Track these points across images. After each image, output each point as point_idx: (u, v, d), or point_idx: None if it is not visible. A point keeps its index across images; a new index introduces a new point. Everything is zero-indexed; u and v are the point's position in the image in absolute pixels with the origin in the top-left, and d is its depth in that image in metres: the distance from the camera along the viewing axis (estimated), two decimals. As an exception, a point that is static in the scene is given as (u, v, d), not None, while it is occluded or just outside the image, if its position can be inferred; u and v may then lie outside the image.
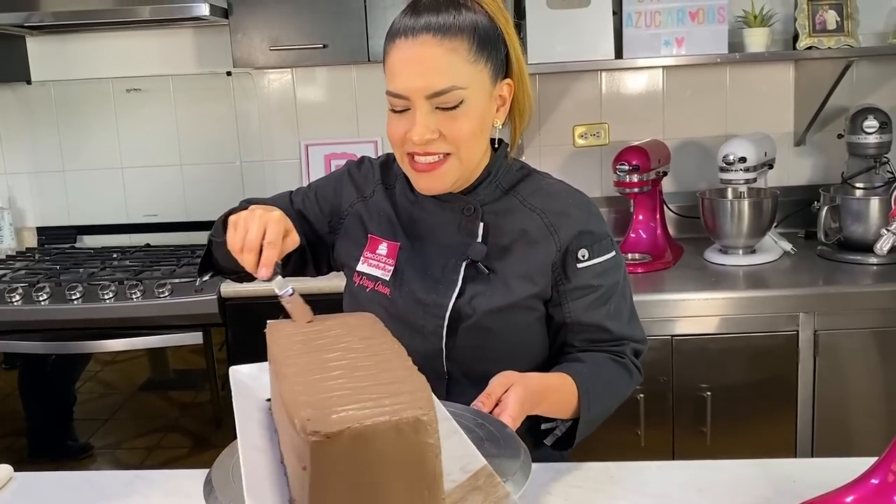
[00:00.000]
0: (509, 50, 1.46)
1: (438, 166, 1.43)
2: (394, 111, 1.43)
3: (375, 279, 1.54)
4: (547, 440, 1.47)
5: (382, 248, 1.56)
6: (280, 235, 1.36)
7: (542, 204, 1.52)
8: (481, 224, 1.50)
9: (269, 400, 1.25)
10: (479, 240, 1.50)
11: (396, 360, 1.08)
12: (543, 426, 1.48)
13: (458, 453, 1.06)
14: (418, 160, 1.43)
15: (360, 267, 1.57)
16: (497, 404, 1.31)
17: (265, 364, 1.28)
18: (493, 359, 1.44)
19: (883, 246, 1.15)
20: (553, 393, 1.41)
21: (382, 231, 1.57)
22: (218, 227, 1.54)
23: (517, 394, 1.31)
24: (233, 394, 1.23)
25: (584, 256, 1.50)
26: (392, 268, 1.53)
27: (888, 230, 1.13)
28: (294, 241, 1.41)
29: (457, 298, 1.48)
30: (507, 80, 1.48)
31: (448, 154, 1.42)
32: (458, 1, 1.42)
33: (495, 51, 1.44)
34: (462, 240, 1.51)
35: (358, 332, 1.19)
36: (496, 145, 1.54)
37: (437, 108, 1.39)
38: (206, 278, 1.74)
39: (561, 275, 1.50)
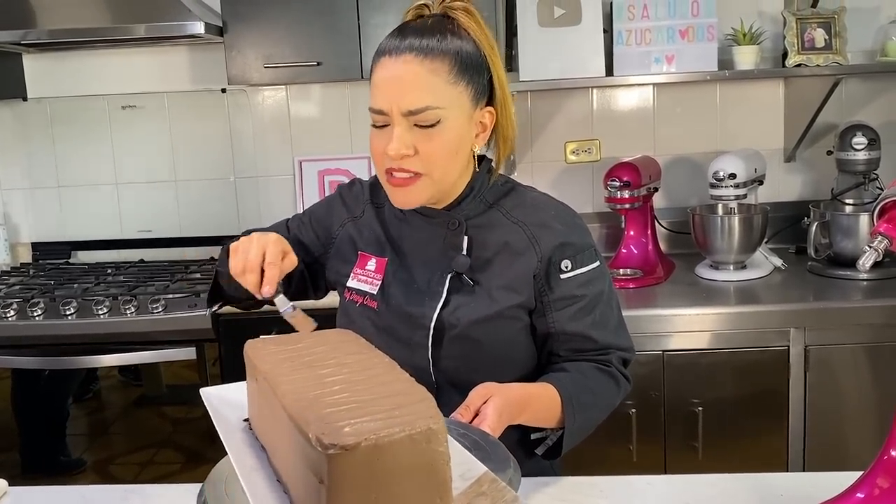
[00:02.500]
0: (493, 76, 1.51)
1: (410, 183, 1.47)
2: (375, 126, 1.48)
3: (364, 294, 1.58)
4: (538, 450, 1.49)
5: (371, 264, 1.60)
6: (279, 255, 1.44)
7: (525, 216, 1.55)
8: (465, 238, 1.54)
9: (246, 420, 1.26)
10: (464, 253, 1.53)
11: (391, 373, 1.10)
12: (533, 436, 1.50)
13: (456, 461, 1.07)
14: (395, 176, 1.47)
15: (350, 283, 1.61)
16: (476, 415, 1.33)
17: (237, 385, 1.29)
18: (480, 369, 1.46)
19: (865, 262, 1.16)
20: (535, 402, 1.43)
21: (372, 248, 1.61)
22: (222, 257, 1.61)
23: (495, 404, 1.34)
24: (212, 416, 1.24)
25: (567, 267, 1.52)
26: (379, 283, 1.57)
27: (870, 246, 1.15)
28: (292, 261, 1.47)
29: (441, 309, 1.51)
30: (490, 108, 1.52)
31: (419, 174, 1.46)
32: (445, 26, 1.47)
33: (477, 75, 1.48)
34: (447, 254, 1.55)
35: (343, 349, 1.20)
36: (479, 162, 1.57)
37: (414, 125, 1.43)
38: (215, 309, 1.81)
39: (544, 285, 1.53)
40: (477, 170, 1.56)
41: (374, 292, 1.57)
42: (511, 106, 1.55)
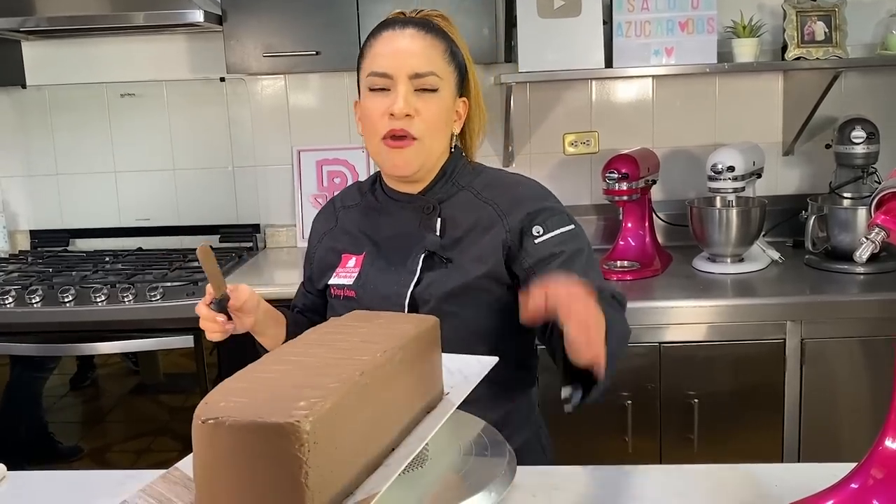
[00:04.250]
0: (468, 74, 1.66)
1: (408, 145, 1.57)
2: (372, 90, 1.59)
3: (343, 286, 1.67)
4: (568, 407, 1.40)
5: (351, 262, 1.69)
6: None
7: (494, 195, 1.64)
8: (439, 220, 1.62)
9: None
10: (438, 234, 1.61)
11: (346, 368, 1.08)
12: (564, 393, 1.49)
13: (388, 473, 1.07)
14: (391, 140, 1.58)
15: (332, 281, 1.70)
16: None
17: None
18: (454, 343, 1.44)
19: (862, 254, 1.16)
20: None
21: (351, 246, 1.71)
22: None
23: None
24: None
25: (538, 232, 1.59)
26: (356, 273, 1.66)
27: (867, 238, 1.15)
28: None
29: (414, 287, 1.58)
30: (464, 99, 1.67)
31: (414, 138, 1.57)
32: (433, 23, 1.63)
33: (459, 67, 1.64)
34: (422, 236, 1.63)
35: (377, 334, 1.21)
36: (452, 150, 1.69)
37: (416, 89, 1.56)
38: None
39: (518, 253, 1.58)
40: (451, 152, 1.67)
41: (351, 283, 1.65)
42: (482, 103, 1.70)
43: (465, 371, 1.37)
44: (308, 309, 1.83)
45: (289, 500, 0.94)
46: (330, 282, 1.70)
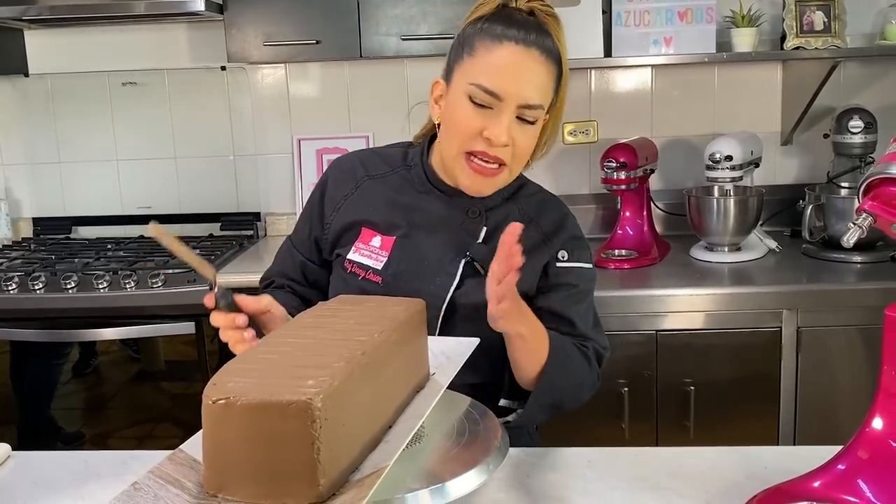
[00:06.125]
0: (560, 92, 1.54)
1: (496, 174, 1.50)
2: (473, 103, 1.46)
3: (367, 268, 1.59)
4: (510, 417, 1.51)
5: (376, 241, 1.60)
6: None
7: (538, 216, 1.62)
8: (484, 228, 1.58)
9: None
10: (481, 241, 1.57)
11: (347, 349, 1.10)
12: (502, 402, 1.54)
13: (389, 449, 1.10)
14: (478, 162, 1.48)
15: (351, 255, 1.61)
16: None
17: None
18: (482, 348, 1.45)
19: (849, 238, 1.18)
20: (538, 325, 1.47)
21: (378, 222, 1.61)
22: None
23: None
24: None
25: (563, 257, 1.60)
26: (385, 259, 1.58)
27: (855, 223, 1.16)
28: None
29: (454, 291, 1.54)
30: (548, 114, 1.55)
31: (504, 165, 1.49)
32: (551, 30, 1.49)
33: (558, 89, 1.53)
34: (462, 238, 1.58)
35: (369, 316, 1.24)
36: None
37: (517, 118, 1.46)
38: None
39: (543, 274, 1.60)
40: None
41: (379, 268, 1.58)
42: (561, 116, 1.59)
43: (448, 353, 1.39)
44: (302, 282, 1.72)
45: (301, 475, 0.97)
46: (350, 256, 1.61)
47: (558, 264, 1.60)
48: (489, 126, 1.45)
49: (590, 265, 1.64)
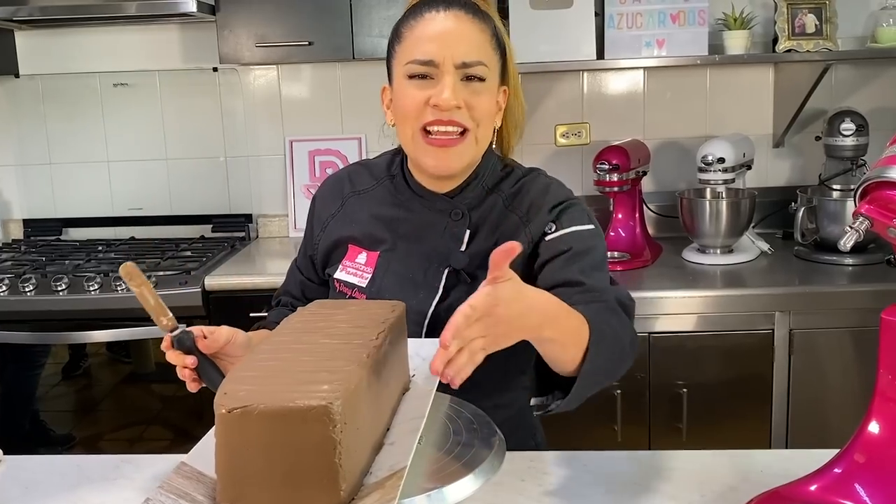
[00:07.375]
0: (507, 61, 1.51)
1: (455, 143, 1.44)
2: (411, 78, 1.43)
3: (352, 286, 1.56)
4: (552, 407, 1.37)
5: (361, 258, 1.57)
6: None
7: (519, 202, 1.54)
8: (467, 231, 1.52)
9: None
10: (464, 248, 1.51)
11: (351, 352, 1.09)
12: (533, 401, 1.49)
13: (396, 451, 1.09)
14: (435, 134, 1.43)
15: (338, 274, 1.59)
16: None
17: None
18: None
19: (846, 242, 1.18)
20: (563, 315, 1.23)
21: (362, 238, 1.59)
22: None
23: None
24: None
25: (550, 229, 1.50)
26: (370, 276, 1.55)
27: (851, 227, 1.16)
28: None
29: (436, 305, 1.49)
30: (504, 87, 1.52)
31: (466, 131, 1.43)
32: (476, 3, 1.47)
33: (503, 54, 1.49)
34: (446, 244, 1.52)
35: (360, 318, 1.22)
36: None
37: (462, 78, 1.42)
38: None
39: (536, 255, 1.50)
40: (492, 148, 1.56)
41: (364, 285, 1.55)
42: (521, 90, 1.56)
43: (423, 354, 1.35)
44: (304, 301, 1.67)
45: (322, 481, 0.96)
46: (336, 275, 1.58)
47: (547, 238, 1.49)
48: (434, 93, 1.41)
49: (585, 226, 1.51)
